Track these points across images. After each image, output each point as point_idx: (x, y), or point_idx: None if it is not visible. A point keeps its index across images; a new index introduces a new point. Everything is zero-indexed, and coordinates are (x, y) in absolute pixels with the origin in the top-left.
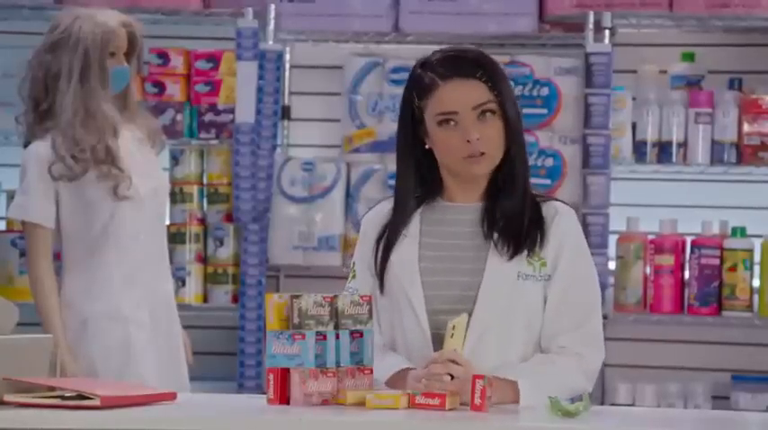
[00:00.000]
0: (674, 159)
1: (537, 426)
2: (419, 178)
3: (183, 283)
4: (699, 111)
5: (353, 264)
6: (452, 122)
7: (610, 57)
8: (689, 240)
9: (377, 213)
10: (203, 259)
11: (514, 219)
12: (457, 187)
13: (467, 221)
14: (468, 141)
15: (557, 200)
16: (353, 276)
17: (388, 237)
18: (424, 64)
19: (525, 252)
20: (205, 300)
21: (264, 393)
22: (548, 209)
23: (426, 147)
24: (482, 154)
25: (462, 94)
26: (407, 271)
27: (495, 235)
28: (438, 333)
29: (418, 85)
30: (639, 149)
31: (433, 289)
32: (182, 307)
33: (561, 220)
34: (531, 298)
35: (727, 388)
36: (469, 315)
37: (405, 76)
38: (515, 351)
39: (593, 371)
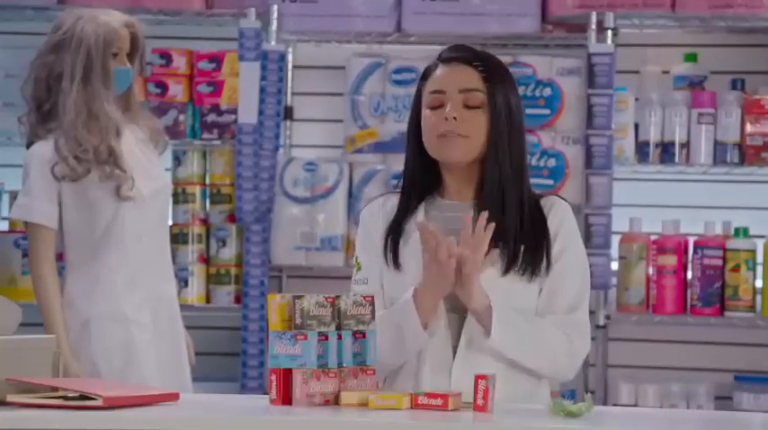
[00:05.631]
0: (676, 160)
1: (539, 426)
2: (421, 174)
3: (186, 284)
4: (701, 112)
5: (356, 257)
6: (440, 104)
7: (612, 57)
8: (691, 241)
9: (377, 207)
10: (206, 260)
11: (501, 225)
12: (452, 182)
13: (462, 218)
14: (446, 119)
15: (554, 195)
16: (359, 269)
17: (397, 233)
18: (437, 55)
19: (522, 269)
20: (208, 300)
21: (267, 394)
22: (545, 202)
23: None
24: (462, 137)
25: (453, 76)
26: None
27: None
28: (453, 316)
29: (425, 71)
30: (642, 150)
31: None
32: (184, 307)
33: (558, 213)
34: (526, 293)
35: (730, 388)
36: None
37: (407, 76)
38: None
39: (576, 354)
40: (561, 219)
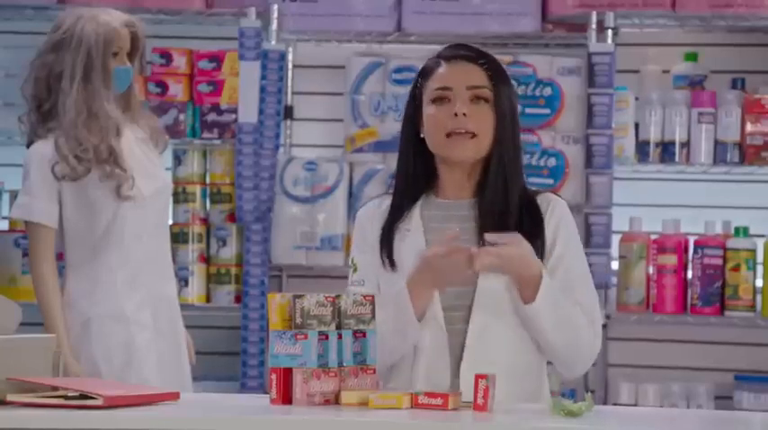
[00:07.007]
0: (676, 159)
1: (540, 426)
2: (416, 172)
3: (186, 283)
4: (702, 111)
5: (353, 259)
6: (446, 100)
7: (612, 56)
8: (692, 240)
9: (374, 209)
10: (206, 259)
11: (503, 223)
12: (450, 181)
13: (460, 217)
14: (456, 115)
15: (550, 192)
16: (355, 270)
17: (391, 232)
18: (435, 55)
19: None
20: (208, 300)
21: (267, 393)
22: (542, 200)
23: (421, 136)
24: (471, 135)
25: (460, 73)
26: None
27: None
28: (452, 328)
29: (423, 69)
30: (642, 149)
31: None
32: (184, 307)
33: (555, 210)
34: None
35: (730, 388)
36: (469, 310)
37: (407, 75)
38: (516, 341)
39: (597, 330)
40: (560, 217)
